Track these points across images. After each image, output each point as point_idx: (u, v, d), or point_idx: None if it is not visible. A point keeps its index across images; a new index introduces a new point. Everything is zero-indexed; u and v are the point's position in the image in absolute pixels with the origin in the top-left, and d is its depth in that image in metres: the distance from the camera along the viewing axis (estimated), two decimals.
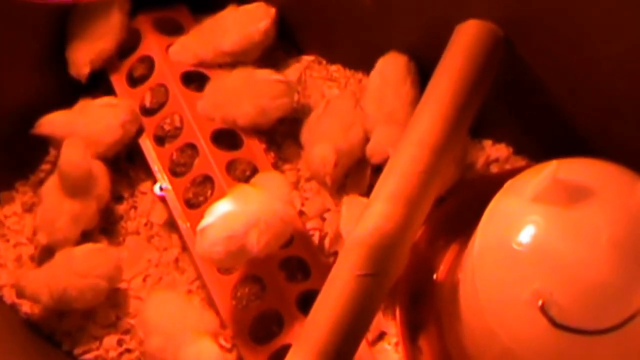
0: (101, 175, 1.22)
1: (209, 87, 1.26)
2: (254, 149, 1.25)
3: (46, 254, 1.22)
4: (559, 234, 0.99)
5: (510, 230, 1.01)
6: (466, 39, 1.11)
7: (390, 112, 1.22)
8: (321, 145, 1.22)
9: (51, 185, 1.21)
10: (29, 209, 1.27)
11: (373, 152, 1.22)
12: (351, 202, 1.21)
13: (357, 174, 1.25)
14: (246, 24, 1.27)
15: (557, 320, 0.96)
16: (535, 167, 1.05)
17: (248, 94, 1.24)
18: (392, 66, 1.23)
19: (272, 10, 1.28)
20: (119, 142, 1.24)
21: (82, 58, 1.26)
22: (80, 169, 1.20)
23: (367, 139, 1.24)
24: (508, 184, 1.05)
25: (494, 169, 1.26)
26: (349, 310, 1.00)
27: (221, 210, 1.12)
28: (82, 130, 1.23)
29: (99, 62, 1.27)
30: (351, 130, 1.23)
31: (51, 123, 1.24)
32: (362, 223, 1.05)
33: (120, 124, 1.24)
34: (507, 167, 1.26)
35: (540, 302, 0.96)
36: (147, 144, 1.24)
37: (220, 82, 1.26)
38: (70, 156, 1.19)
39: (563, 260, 0.98)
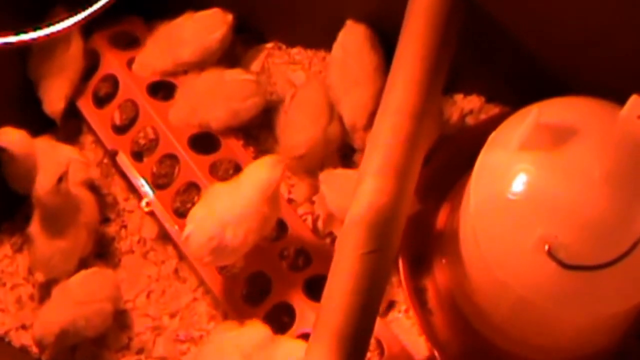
0: (86, 200, 1.21)
1: (179, 94, 1.25)
2: (232, 147, 1.24)
3: (46, 290, 1.21)
4: (551, 177, 1.00)
5: (502, 182, 1.02)
6: (424, 1, 1.11)
7: (354, 81, 1.22)
8: (294, 137, 1.21)
9: (37, 223, 1.19)
10: (19, 248, 1.26)
11: (352, 122, 1.22)
12: (328, 177, 1.21)
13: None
14: (203, 33, 1.26)
15: (566, 262, 0.97)
16: (515, 115, 1.06)
17: (219, 97, 1.23)
18: (351, 36, 1.23)
19: (229, 17, 1.27)
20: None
21: (55, 95, 1.25)
22: (52, 195, 1.16)
23: (339, 124, 1.23)
24: (492, 137, 1.06)
25: (470, 120, 1.27)
26: (360, 290, 1.00)
27: (198, 215, 1.13)
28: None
29: (70, 94, 1.26)
30: (322, 119, 1.22)
31: (10, 138, 1.21)
32: (356, 201, 1.05)
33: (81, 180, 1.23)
34: (483, 116, 1.27)
35: (547, 247, 0.97)
36: (125, 162, 1.23)
37: (190, 87, 1.25)
38: (39, 189, 1.17)
39: (560, 202, 0.99)
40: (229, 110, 1.24)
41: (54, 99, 1.25)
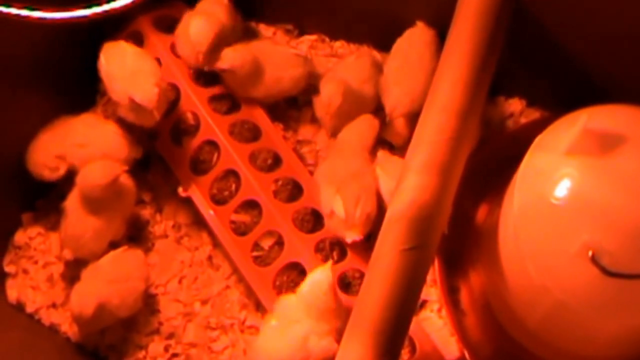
0: (127, 188, 1.20)
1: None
2: (272, 136, 1.23)
3: (74, 270, 1.20)
4: (597, 184, 0.99)
5: (547, 186, 1.01)
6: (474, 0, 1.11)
7: (412, 76, 1.21)
8: (332, 84, 1.22)
9: (75, 199, 1.18)
10: (53, 226, 1.25)
11: (392, 106, 1.21)
12: (384, 159, 1.21)
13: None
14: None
15: (609, 269, 0.96)
16: (563, 119, 1.05)
17: (266, 65, 1.23)
18: (420, 37, 1.23)
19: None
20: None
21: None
22: (101, 189, 1.17)
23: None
24: (538, 140, 1.05)
25: (510, 123, 1.27)
26: (398, 286, 1.00)
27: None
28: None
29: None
30: (364, 84, 1.23)
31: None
32: (398, 197, 1.04)
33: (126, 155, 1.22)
34: (523, 120, 1.27)
35: (590, 253, 0.97)
36: (164, 146, 1.23)
37: (239, 55, 1.23)
38: (90, 179, 1.17)
39: (605, 209, 0.98)
40: (273, 77, 1.24)
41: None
